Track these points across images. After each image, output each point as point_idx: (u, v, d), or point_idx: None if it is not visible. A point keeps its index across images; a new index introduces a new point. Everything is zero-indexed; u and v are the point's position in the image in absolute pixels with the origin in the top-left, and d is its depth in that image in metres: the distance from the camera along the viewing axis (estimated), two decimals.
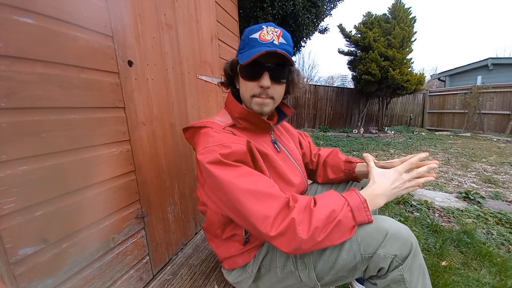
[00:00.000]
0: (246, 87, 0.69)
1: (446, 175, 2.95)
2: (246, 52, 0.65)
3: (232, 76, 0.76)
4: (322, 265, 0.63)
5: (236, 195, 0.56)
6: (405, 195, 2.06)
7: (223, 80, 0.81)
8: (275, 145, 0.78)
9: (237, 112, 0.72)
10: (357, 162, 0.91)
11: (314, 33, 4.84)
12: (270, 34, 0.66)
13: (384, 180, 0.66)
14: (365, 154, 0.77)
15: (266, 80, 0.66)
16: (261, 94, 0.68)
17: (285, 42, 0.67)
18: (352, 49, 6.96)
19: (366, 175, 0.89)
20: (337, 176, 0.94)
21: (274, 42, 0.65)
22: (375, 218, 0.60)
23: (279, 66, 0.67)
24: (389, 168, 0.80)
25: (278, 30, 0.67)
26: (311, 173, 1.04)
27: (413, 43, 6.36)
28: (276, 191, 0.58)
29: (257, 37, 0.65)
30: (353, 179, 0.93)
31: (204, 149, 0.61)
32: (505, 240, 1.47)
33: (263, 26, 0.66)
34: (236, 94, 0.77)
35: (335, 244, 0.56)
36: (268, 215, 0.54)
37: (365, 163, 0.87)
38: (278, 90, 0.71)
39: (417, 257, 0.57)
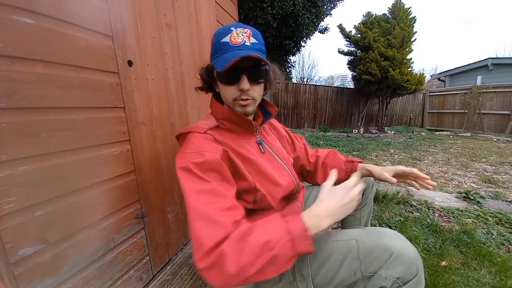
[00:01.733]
0: (226, 92, 0.69)
1: (446, 175, 2.96)
2: (220, 58, 0.64)
3: (210, 81, 0.76)
4: (320, 279, 0.62)
5: (189, 208, 0.54)
6: (405, 195, 2.06)
7: (202, 85, 0.79)
8: (260, 146, 0.77)
9: (220, 113, 0.72)
10: (358, 162, 0.92)
11: (314, 33, 4.85)
12: (240, 36, 0.65)
13: (332, 198, 0.61)
14: (332, 171, 0.72)
15: (245, 83, 0.65)
16: (242, 96, 0.68)
17: (256, 41, 0.67)
18: (352, 49, 6.97)
19: (367, 175, 0.90)
20: (339, 177, 0.93)
21: (246, 43, 0.64)
22: (382, 233, 0.58)
23: (255, 67, 0.67)
24: (396, 173, 0.83)
25: (247, 30, 0.66)
26: (309, 175, 1.04)
27: (413, 43, 6.36)
28: (226, 220, 0.52)
29: (228, 41, 0.64)
30: None
31: (182, 154, 0.62)
32: (505, 240, 1.47)
33: (232, 28, 0.65)
34: (219, 97, 0.76)
35: (268, 278, 0.49)
36: (203, 243, 0.49)
37: (364, 165, 0.90)
38: (258, 90, 0.71)
39: (420, 284, 0.55)
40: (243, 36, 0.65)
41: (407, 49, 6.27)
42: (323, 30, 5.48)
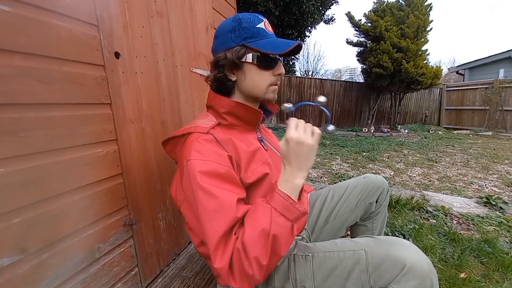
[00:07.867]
0: (262, 77, 0.72)
1: (465, 178, 2.96)
2: (264, 42, 0.68)
3: (232, 67, 0.73)
4: None
5: (204, 228, 0.58)
6: (420, 200, 2.07)
7: (217, 74, 0.74)
8: (262, 143, 0.79)
9: (224, 106, 0.71)
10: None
11: (319, 22, 4.85)
12: (269, 26, 0.72)
13: (294, 151, 0.59)
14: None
15: (282, 68, 0.74)
16: (277, 82, 0.75)
17: None
18: (362, 39, 6.98)
19: None
20: None
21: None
22: (393, 243, 0.58)
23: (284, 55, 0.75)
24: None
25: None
26: None
27: (429, 32, 6.38)
28: (231, 240, 0.56)
29: (264, 28, 0.70)
30: None
31: (200, 160, 0.61)
32: None
33: (261, 18, 0.71)
34: (224, 90, 0.75)
35: (285, 254, 0.57)
36: (218, 271, 0.55)
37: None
38: None
39: None
40: (270, 27, 0.73)
41: (422, 39, 6.28)
42: (329, 20, 5.50)
